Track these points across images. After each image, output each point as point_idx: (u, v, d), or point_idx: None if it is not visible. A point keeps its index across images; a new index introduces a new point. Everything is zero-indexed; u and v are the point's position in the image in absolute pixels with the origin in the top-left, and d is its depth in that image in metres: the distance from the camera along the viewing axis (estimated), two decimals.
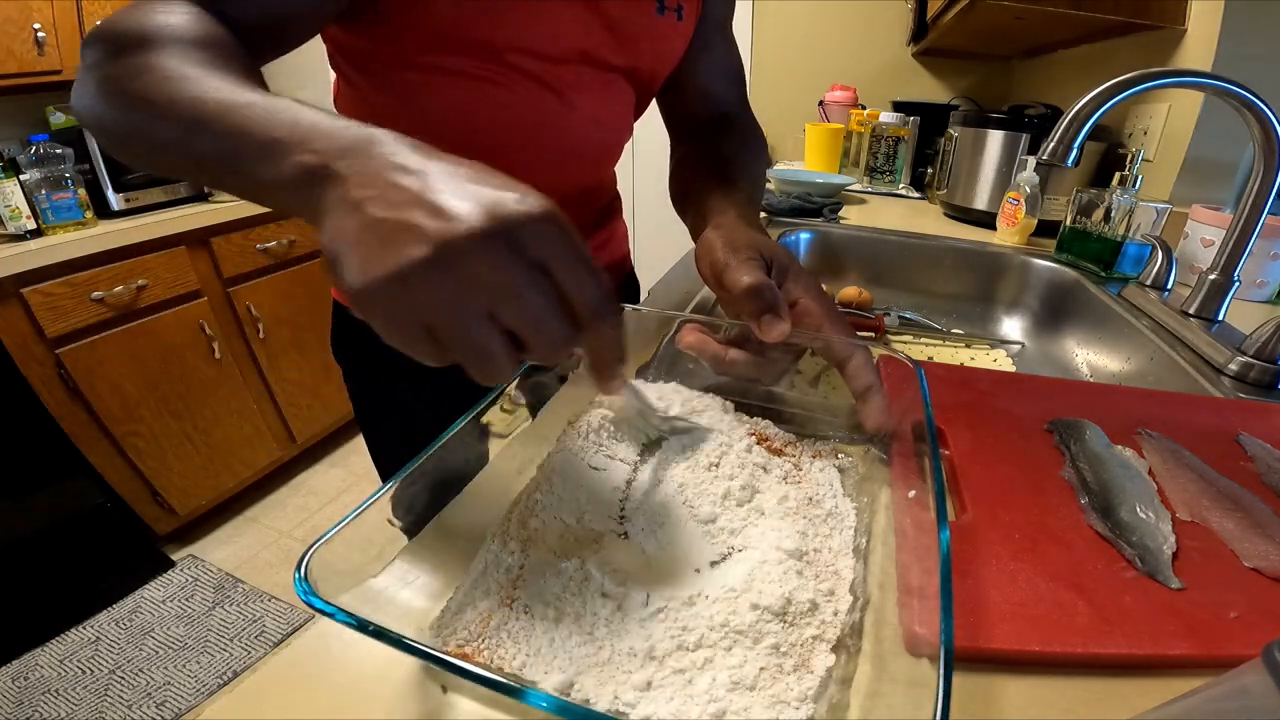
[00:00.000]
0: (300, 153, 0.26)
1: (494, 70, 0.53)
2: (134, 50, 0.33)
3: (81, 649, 1.36)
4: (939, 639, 0.21)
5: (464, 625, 0.26)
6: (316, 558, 0.23)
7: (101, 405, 1.43)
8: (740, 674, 0.24)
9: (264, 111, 0.28)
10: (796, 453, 0.38)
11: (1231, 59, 0.83)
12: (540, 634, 0.25)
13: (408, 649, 0.21)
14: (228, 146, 0.28)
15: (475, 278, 0.22)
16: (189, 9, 0.36)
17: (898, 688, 0.24)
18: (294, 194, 0.26)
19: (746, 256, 0.41)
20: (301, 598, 0.22)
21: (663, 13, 0.58)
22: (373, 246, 0.22)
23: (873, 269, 0.99)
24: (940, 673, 0.20)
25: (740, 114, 0.70)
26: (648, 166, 2.14)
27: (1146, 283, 0.74)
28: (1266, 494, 0.37)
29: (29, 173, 1.39)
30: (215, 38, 0.35)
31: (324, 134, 0.26)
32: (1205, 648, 0.27)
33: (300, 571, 0.22)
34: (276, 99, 0.29)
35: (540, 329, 0.24)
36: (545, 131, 0.58)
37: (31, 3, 1.43)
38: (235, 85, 0.30)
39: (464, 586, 0.28)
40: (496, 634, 0.25)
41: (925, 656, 0.23)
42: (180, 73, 0.31)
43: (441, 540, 0.30)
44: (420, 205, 0.23)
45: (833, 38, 2.05)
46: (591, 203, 0.73)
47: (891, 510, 0.34)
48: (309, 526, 1.79)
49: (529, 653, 0.25)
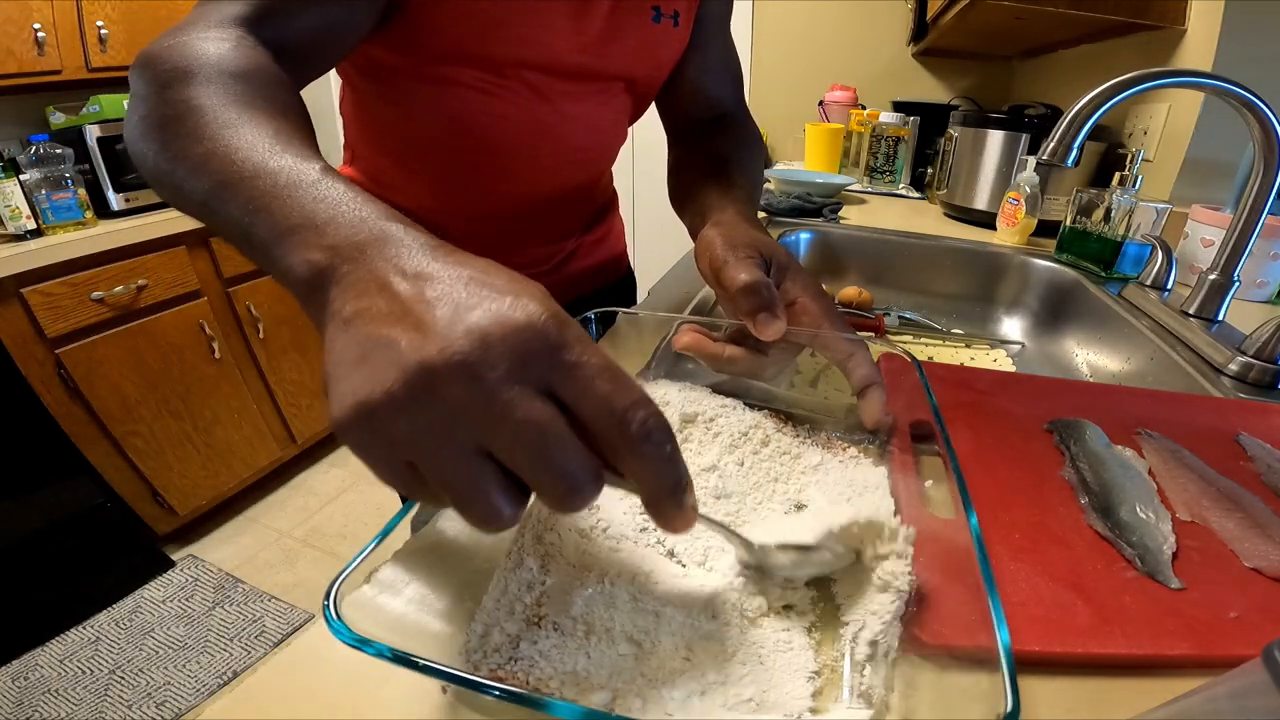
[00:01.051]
0: (310, 249, 0.24)
1: (494, 82, 0.54)
2: (177, 85, 0.32)
3: (81, 649, 1.36)
4: (987, 625, 0.21)
5: (494, 648, 0.25)
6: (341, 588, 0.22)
7: (101, 405, 1.43)
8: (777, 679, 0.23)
9: (287, 186, 0.26)
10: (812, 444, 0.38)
11: (1231, 59, 0.83)
12: (574, 651, 0.25)
13: (451, 679, 0.20)
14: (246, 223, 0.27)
15: (456, 407, 0.19)
16: (231, 35, 0.36)
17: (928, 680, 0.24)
18: (304, 295, 0.24)
19: (745, 254, 0.41)
20: (337, 636, 0.20)
21: (659, 20, 0.59)
22: (349, 369, 0.20)
23: (873, 269, 0.99)
24: (1002, 659, 0.20)
25: (738, 113, 0.70)
26: (647, 166, 2.14)
27: (1146, 283, 0.74)
28: (1266, 494, 0.37)
29: (29, 173, 1.39)
30: (258, 69, 0.35)
31: (338, 227, 0.24)
32: (1205, 648, 0.27)
33: (329, 603, 0.21)
34: (304, 167, 0.27)
35: (544, 467, 0.19)
36: (542, 139, 0.60)
37: (31, 3, 1.43)
38: (270, 139, 0.29)
39: (486, 607, 0.27)
40: (529, 654, 0.25)
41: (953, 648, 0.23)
42: (222, 119, 0.30)
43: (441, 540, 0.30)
44: (403, 320, 0.20)
45: (833, 38, 2.05)
46: (588, 202, 0.74)
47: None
48: (309, 526, 1.79)
49: (566, 671, 0.24)
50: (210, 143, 0.29)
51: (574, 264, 0.76)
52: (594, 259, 0.79)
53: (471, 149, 0.58)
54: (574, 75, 0.57)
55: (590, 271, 0.78)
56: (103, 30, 1.57)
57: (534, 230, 0.69)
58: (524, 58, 0.54)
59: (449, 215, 0.63)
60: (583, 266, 0.77)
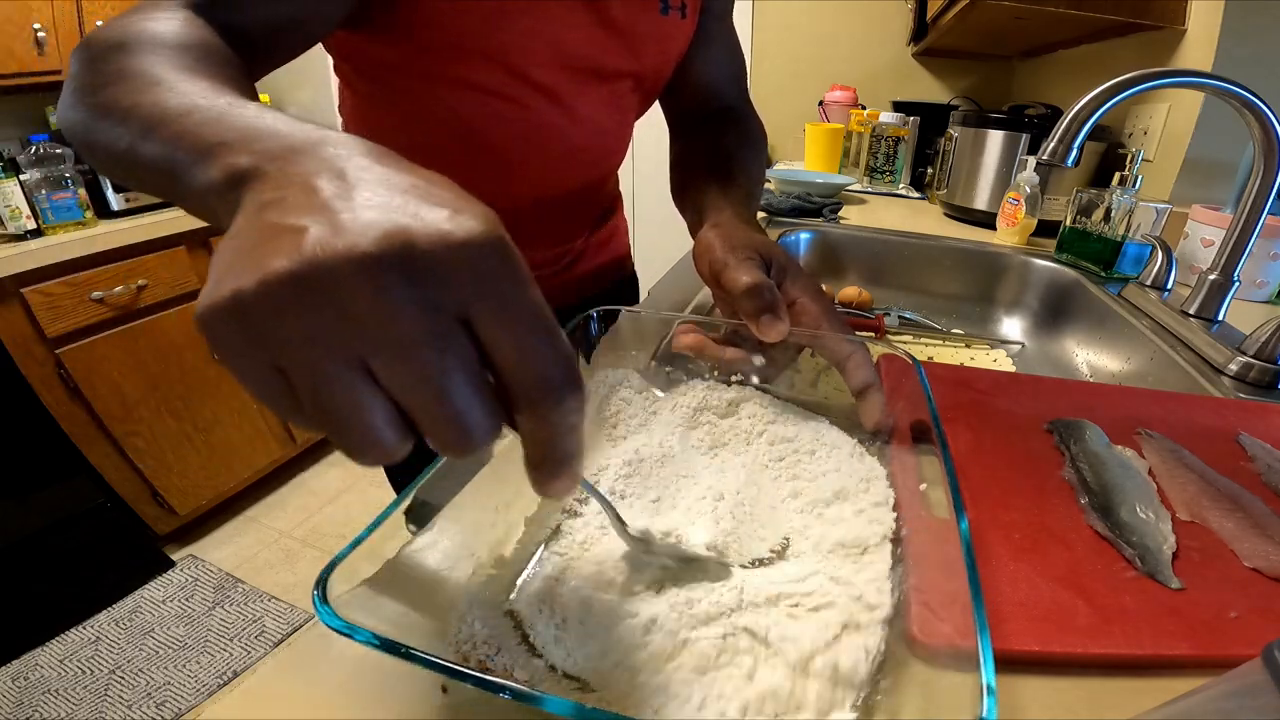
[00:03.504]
0: (238, 154, 0.21)
1: (500, 82, 0.53)
2: (114, 57, 0.30)
3: (81, 649, 1.36)
4: (970, 631, 0.21)
5: (481, 638, 0.25)
6: (333, 577, 0.22)
7: (101, 405, 1.43)
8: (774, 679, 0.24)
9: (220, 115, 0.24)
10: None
11: (1231, 59, 0.83)
12: (554, 644, 0.25)
13: (434, 667, 0.20)
14: (169, 151, 0.24)
15: (347, 312, 0.16)
16: (182, 15, 0.34)
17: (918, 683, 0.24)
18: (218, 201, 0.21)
19: (746, 256, 0.41)
20: (324, 621, 0.20)
21: (666, 12, 0.58)
22: (236, 255, 0.17)
23: (873, 269, 0.99)
24: (981, 665, 0.20)
25: (741, 108, 0.70)
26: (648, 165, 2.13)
27: (1146, 283, 0.74)
28: (1266, 494, 0.37)
29: (29, 172, 1.39)
30: (205, 44, 0.33)
31: (275, 134, 0.21)
32: (1205, 648, 0.27)
33: (319, 591, 0.21)
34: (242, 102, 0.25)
35: (437, 403, 0.17)
36: (549, 139, 0.59)
37: (31, 3, 1.43)
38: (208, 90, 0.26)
39: (466, 598, 0.27)
40: (509, 644, 0.25)
41: (941, 651, 0.23)
42: (153, 77, 0.28)
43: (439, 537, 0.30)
44: (320, 212, 0.17)
45: (833, 38, 2.05)
46: (595, 203, 0.73)
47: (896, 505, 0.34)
48: (309, 526, 1.79)
49: (549, 663, 0.24)
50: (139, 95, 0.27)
51: (581, 265, 0.75)
52: (600, 260, 0.78)
53: (476, 152, 0.57)
54: (583, 72, 0.56)
55: (596, 273, 0.78)
56: None
57: (542, 231, 0.68)
58: (531, 52, 0.52)
59: None
60: (589, 268, 0.76)
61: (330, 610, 0.21)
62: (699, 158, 0.61)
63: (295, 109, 2.21)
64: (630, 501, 0.34)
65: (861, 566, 0.29)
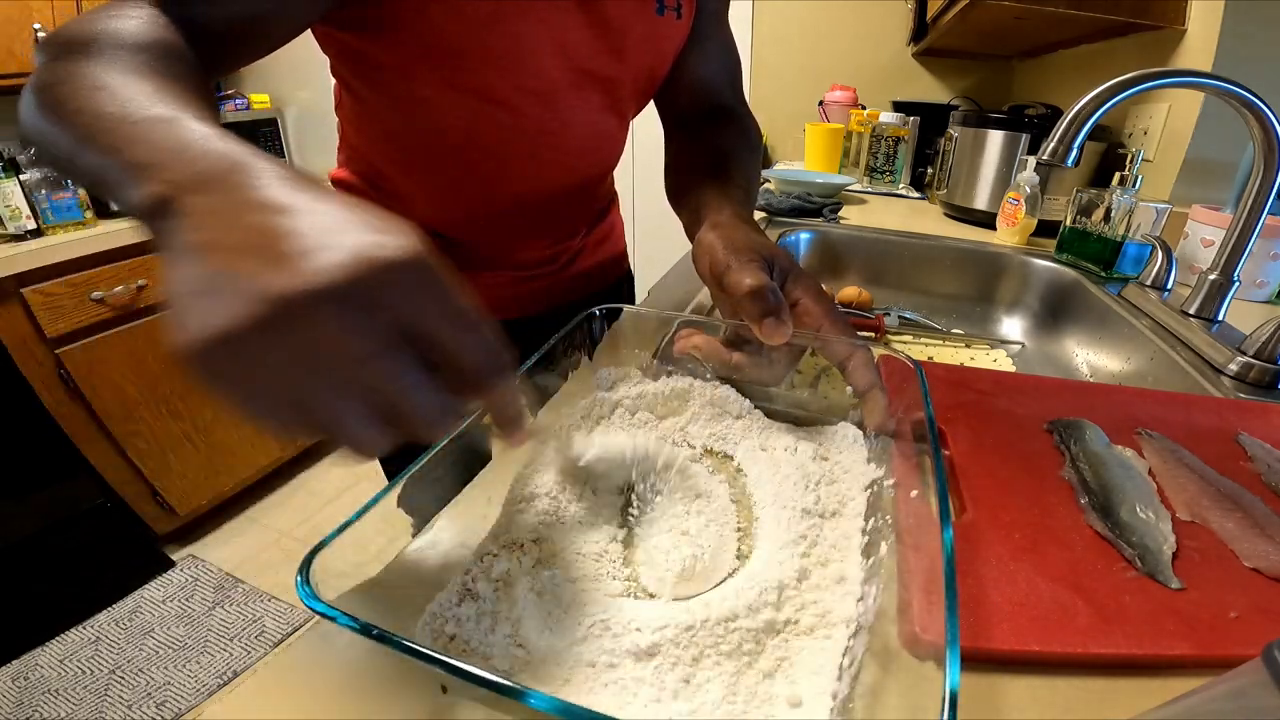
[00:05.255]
0: (154, 181, 0.23)
1: (496, 84, 0.53)
2: (70, 56, 0.31)
3: (81, 649, 1.36)
4: (943, 639, 0.21)
5: (460, 623, 0.25)
6: (319, 560, 0.23)
7: (101, 405, 1.44)
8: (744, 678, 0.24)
9: (146, 129, 0.25)
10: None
11: (1231, 59, 0.83)
12: (535, 633, 0.25)
13: (408, 651, 0.21)
14: (102, 166, 0.26)
15: (314, 344, 0.19)
16: (146, 13, 0.34)
17: (902, 688, 0.24)
18: (146, 224, 0.23)
19: (748, 259, 0.41)
20: (304, 601, 0.21)
21: (662, 12, 0.58)
22: (195, 299, 0.19)
23: (873, 269, 0.99)
24: (946, 674, 0.20)
25: (736, 108, 0.70)
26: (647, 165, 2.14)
27: (1146, 283, 0.74)
28: (1266, 494, 0.37)
29: (29, 173, 1.39)
30: (162, 44, 0.33)
31: (184, 159, 0.23)
32: (1205, 648, 0.27)
33: (303, 575, 0.22)
34: (171, 114, 0.26)
35: (405, 401, 0.21)
36: (545, 141, 0.59)
37: (31, 3, 1.43)
38: (147, 98, 0.28)
39: (455, 582, 0.27)
40: (491, 629, 0.25)
41: (928, 657, 0.23)
42: (99, 82, 0.29)
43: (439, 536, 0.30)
44: (259, 252, 0.19)
45: (833, 38, 2.05)
46: (592, 202, 0.74)
47: (894, 509, 0.34)
48: (309, 526, 1.79)
49: (529, 650, 0.24)
50: (84, 99, 0.28)
51: (579, 263, 0.75)
52: (598, 257, 0.78)
53: (472, 153, 0.57)
54: (578, 73, 0.56)
55: (594, 270, 0.78)
56: None
57: (539, 231, 0.68)
58: (526, 55, 0.52)
59: (449, 216, 0.62)
60: (587, 265, 0.77)
61: (311, 591, 0.22)
62: (695, 158, 0.61)
63: (295, 109, 2.23)
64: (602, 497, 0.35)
65: (838, 574, 0.29)
